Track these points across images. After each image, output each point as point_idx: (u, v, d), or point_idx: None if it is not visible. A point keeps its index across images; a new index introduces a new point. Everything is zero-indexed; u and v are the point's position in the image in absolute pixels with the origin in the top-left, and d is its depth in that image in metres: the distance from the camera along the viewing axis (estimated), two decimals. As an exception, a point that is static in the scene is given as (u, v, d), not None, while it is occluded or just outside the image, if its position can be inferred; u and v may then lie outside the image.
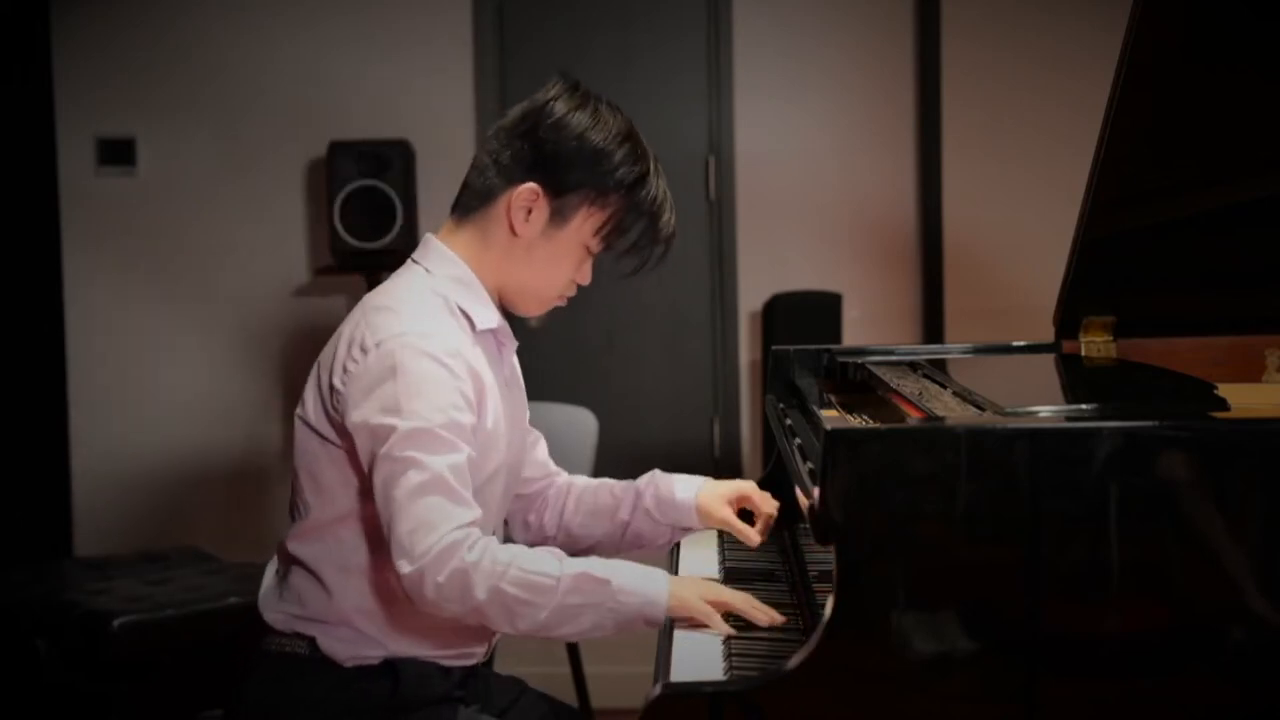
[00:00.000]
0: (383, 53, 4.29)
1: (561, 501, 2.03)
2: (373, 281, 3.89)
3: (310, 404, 1.72)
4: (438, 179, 4.07)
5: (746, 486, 2.01)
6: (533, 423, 2.05)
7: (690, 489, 2.01)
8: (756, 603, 1.68)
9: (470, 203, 1.78)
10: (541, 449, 2.05)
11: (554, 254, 1.76)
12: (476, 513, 1.64)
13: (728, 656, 1.59)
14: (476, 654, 1.82)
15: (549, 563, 1.64)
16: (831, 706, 1.41)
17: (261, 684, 1.75)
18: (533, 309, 1.83)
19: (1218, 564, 1.40)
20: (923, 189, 4.34)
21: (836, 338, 4.14)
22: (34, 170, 4.23)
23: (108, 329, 4.30)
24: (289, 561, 1.76)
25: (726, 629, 1.64)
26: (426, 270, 1.76)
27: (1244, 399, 1.59)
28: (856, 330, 4.29)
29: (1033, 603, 1.40)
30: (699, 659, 1.59)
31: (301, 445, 1.74)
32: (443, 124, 4.23)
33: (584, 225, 1.75)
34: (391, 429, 1.61)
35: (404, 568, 1.59)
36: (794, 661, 1.41)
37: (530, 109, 1.75)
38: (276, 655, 1.75)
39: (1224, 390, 1.63)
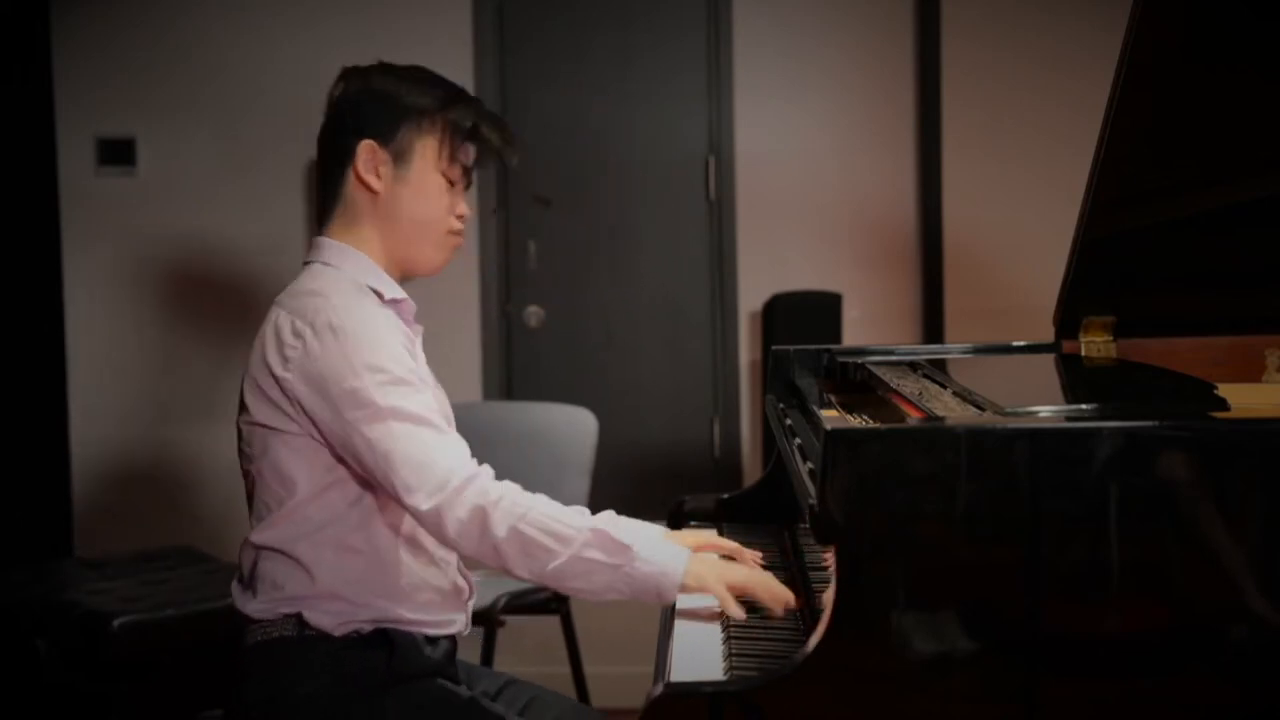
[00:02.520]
0: (383, 53, 4.25)
1: None
2: (373, 281, 3.89)
3: (253, 406, 1.76)
4: (438, 179, 4.08)
5: (702, 538, 1.95)
6: (533, 423, 2.09)
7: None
8: (775, 585, 1.71)
9: (328, 201, 1.86)
10: None
11: (417, 193, 1.83)
12: (464, 444, 1.71)
13: (728, 656, 1.60)
14: (457, 622, 1.85)
15: (572, 515, 1.69)
16: (831, 706, 1.41)
17: (259, 683, 1.75)
18: (433, 257, 1.88)
19: (1218, 564, 1.40)
20: (923, 189, 4.34)
21: (836, 338, 4.14)
22: (34, 170, 4.23)
23: (108, 329, 4.30)
24: (257, 553, 1.78)
25: (740, 613, 1.67)
26: (325, 264, 1.83)
27: (1244, 399, 1.59)
28: (856, 330, 4.29)
29: (1033, 603, 1.40)
30: (699, 659, 1.59)
31: (255, 447, 1.77)
32: (443, 124, 4.23)
33: (426, 154, 1.83)
34: (360, 388, 1.67)
35: (421, 504, 1.64)
36: (794, 661, 1.41)
37: (327, 105, 1.88)
38: (263, 645, 1.76)
39: (1224, 390, 1.63)
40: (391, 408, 1.66)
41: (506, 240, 4.41)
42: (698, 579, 1.69)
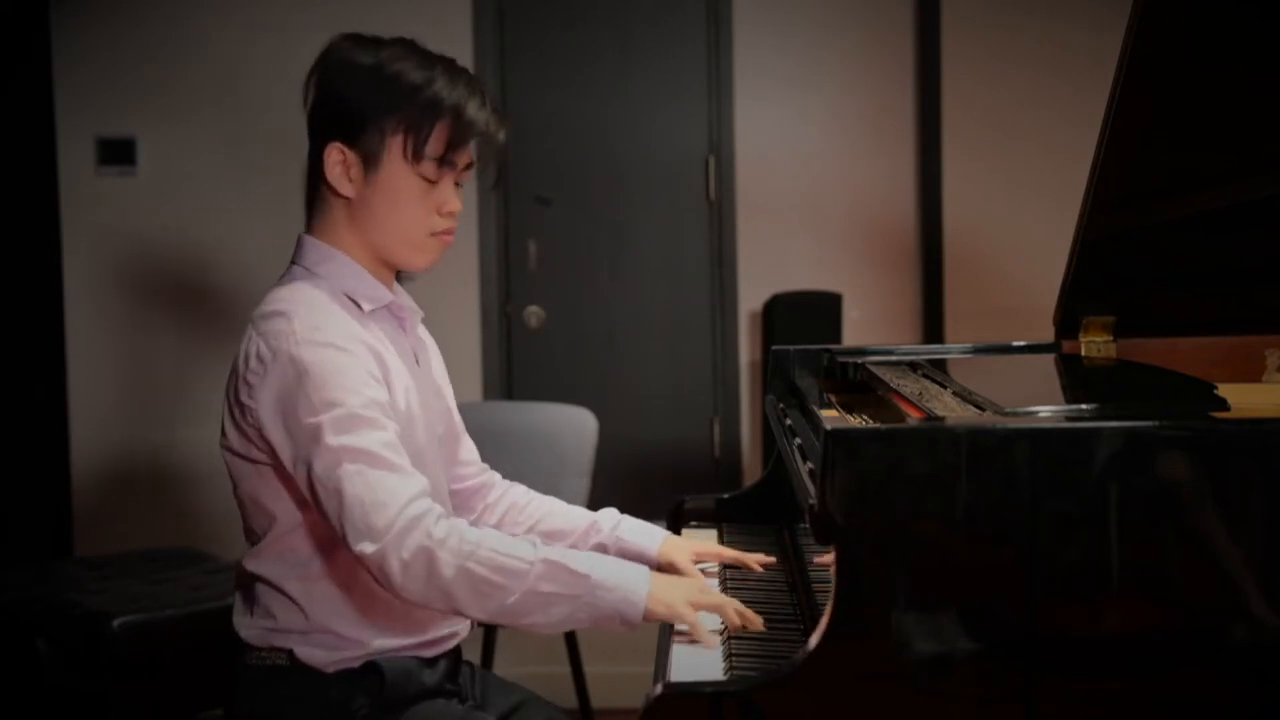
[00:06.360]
0: (383, 53, 4.28)
1: (508, 515, 2.00)
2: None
3: (230, 432, 1.71)
4: (438, 179, 4.08)
5: (703, 546, 1.96)
6: (533, 423, 2.05)
7: (653, 542, 1.95)
8: (743, 610, 1.66)
9: (310, 199, 1.78)
10: (465, 444, 2.00)
11: (391, 195, 1.72)
12: (423, 481, 1.62)
13: (728, 656, 1.60)
14: (459, 631, 1.81)
15: (523, 547, 1.62)
16: (831, 706, 1.41)
17: (251, 700, 1.75)
18: (417, 258, 1.77)
19: (1218, 564, 1.40)
20: (923, 189, 4.34)
21: (836, 338, 4.15)
22: (34, 170, 4.24)
23: (108, 329, 4.30)
24: (252, 580, 1.75)
25: (709, 638, 1.62)
26: (305, 269, 1.75)
27: (1244, 399, 1.59)
28: (856, 330, 4.29)
29: (1032, 603, 1.40)
30: (699, 659, 1.59)
31: (235, 474, 1.74)
32: (443, 124, 4.23)
33: (395, 152, 1.70)
34: (314, 425, 1.59)
35: (366, 548, 1.56)
36: (794, 662, 1.41)
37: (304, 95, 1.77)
38: (256, 669, 1.74)
39: (1224, 390, 1.63)
40: (342, 446, 1.58)
41: (506, 240, 4.41)
42: (665, 605, 1.63)
